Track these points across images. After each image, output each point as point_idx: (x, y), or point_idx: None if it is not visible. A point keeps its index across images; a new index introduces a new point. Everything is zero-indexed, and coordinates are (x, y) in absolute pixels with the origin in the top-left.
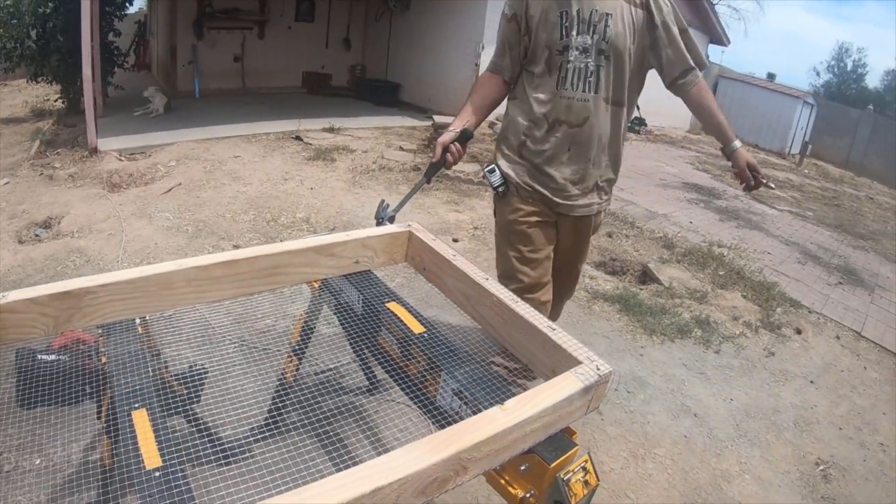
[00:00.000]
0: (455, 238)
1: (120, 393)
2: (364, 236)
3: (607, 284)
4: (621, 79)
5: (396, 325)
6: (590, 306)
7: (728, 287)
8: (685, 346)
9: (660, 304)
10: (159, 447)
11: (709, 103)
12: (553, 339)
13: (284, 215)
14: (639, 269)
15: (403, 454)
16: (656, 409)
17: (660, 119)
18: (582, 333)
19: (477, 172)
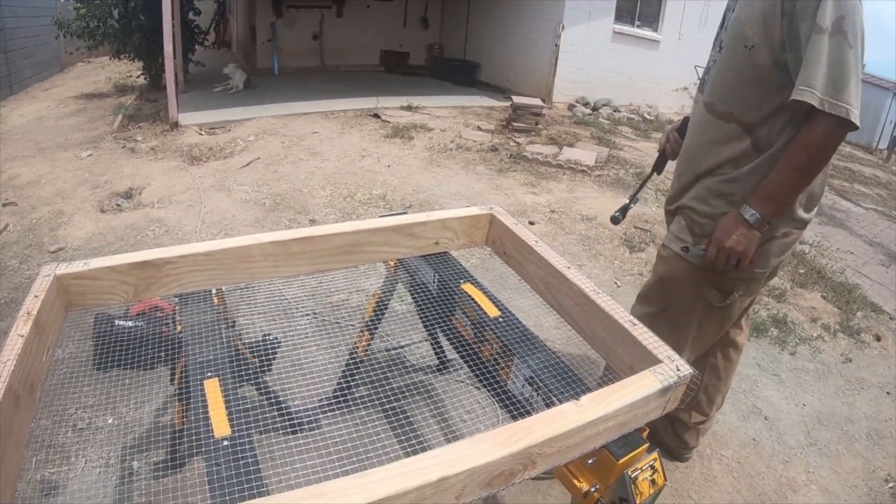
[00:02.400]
0: (531, 221)
1: (194, 362)
2: (445, 217)
3: None
4: (726, 78)
5: (471, 307)
6: None
7: (808, 286)
8: (760, 345)
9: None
10: (229, 417)
11: (784, 159)
12: (633, 334)
13: (361, 192)
14: None
15: (471, 445)
16: (726, 409)
17: None
18: None
19: (555, 154)
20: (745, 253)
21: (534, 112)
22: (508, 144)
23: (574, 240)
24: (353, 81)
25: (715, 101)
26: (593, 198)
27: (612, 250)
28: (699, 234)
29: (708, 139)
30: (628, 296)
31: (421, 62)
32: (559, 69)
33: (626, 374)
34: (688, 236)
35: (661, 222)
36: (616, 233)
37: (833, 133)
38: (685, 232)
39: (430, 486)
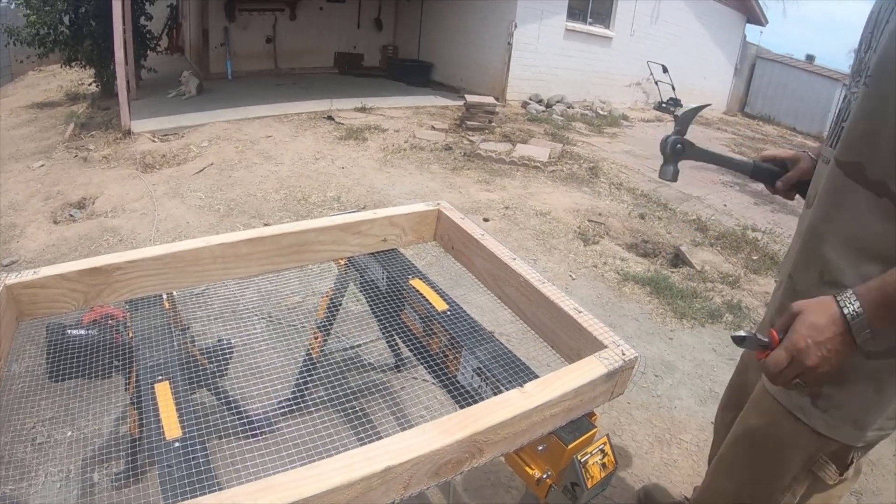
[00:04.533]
0: (486, 218)
1: (144, 366)
2: (392, 214)
3: (638, 266)
4: (878, 129)
5: (420, 303)
6: (620, 288)
7: (761, 272)
8: (716, 330)
9: (691, 288)
10: (180, 418)
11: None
12: (579, 321)
13: (315, 194)
14: (671, 251)
15: (417, 434)
16: (684, 395)
17: (695, 99)
18: (611, 315)
19: (509, 152)
20: (824, 371)
21: (487, 110)
22: (462, 143)
23: (529, 235)
24: (307, 84)
25: (861, 162)
26: (547, 193)
27: (567, 244)
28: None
29: (847, 219)
30: (583, 288)
31: (375, 63)
32: (512, 67)
33: (574, 361)
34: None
35: (615, 215)
36: (570, 226)
37: None
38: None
39: (376, 476)
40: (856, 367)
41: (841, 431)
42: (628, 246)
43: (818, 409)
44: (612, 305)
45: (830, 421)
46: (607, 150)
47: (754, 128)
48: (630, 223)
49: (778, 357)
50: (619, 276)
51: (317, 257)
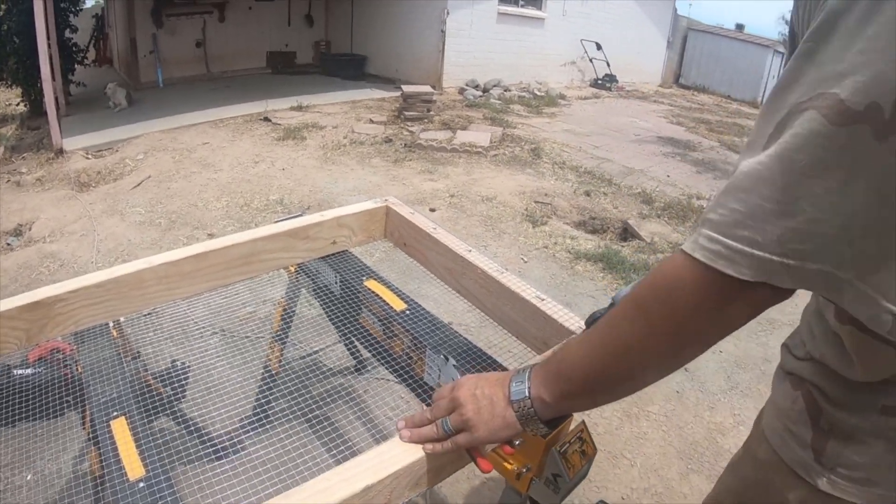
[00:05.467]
0: (432, 208)
1: (97, 403)
2: (340, 215)
3: (588, 243)
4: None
5: (377, 304)
6: (572, 266)
7: None
8: None
9: (643, 260)
10: (142, 456)
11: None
12: (543, 309)
13: (257, 199)
14: (619, 226)
15: (393, 447)
16: None
17: (630, 75)
18: (566, 294)
19: (450, 139)
20: (473, 426)
21: (425, 99)
22: (402, 134)
23: (476, 221)
24: (240, 86)
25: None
26: (491, 178)
27: (515, 227)
28: (826, 430)
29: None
30: (536, 270)
31: (308, 60)
32: (447, 54)
33: (541, 350)
34: (806, 429)
35: (561, 194)
36: (517, 209)
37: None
38: (804, 420)
39: (356, 496)
40: (868, 422)
41: (849, 492)
42: (577, 224)
43: (821, 467)
44: (566, 285)
45: (836, 480)
46: (547, 131)
47: (690, 98)
48: (576, 201)
49: (440, 391)
50: (570, 255)
51: (266, 267)
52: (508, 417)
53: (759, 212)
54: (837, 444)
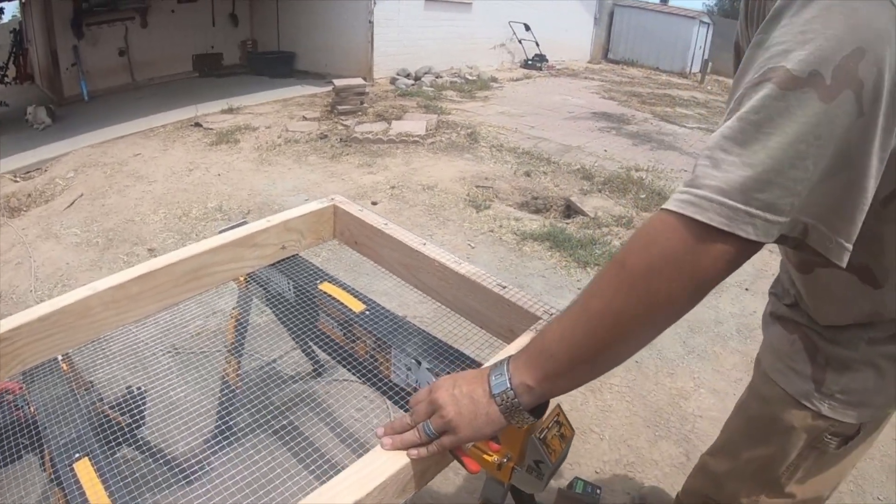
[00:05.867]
0: (374, 201)
1: (57, 445)
2: (287, 219)
3: (533, 224)
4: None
5: (334, 307)
6: (520, 248)
7: (651, 209)
8: None
9: (588, 236)
10: (110, 493)
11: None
12: (506, 297)
13: (195, 208)
14: (562, 203)
15: (375, 458)
16: None
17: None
18: (517, 276)
19: (386, 130)
20: (456, 427)
21: (357, 92)
22: (337, 129)
23: (420, 211)
24: (168, 93)
25: None
26: (430, 166)
27: (459, 213)
28: (823, 364)
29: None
30: (484, 254)
31: (236, 61)
32: (376, 45)
33: (508, 338)
34: (806, 365)
35: (502, 176)
36: (459, 195)
37: None
38: (803, 358)
39: None
40: (858, 353)
41: (846, 414)
42: (519, 205)
43: (822, 395)
44: (516, 267)
45: (835, 405)
46: (482, 114)
47: (619, 72)
48: (517, 182)
49: (417, 394)
50: (517, 237)
51: (215, 280)
52: (492, 413)
53: (724, 164)
54: (834, 374)
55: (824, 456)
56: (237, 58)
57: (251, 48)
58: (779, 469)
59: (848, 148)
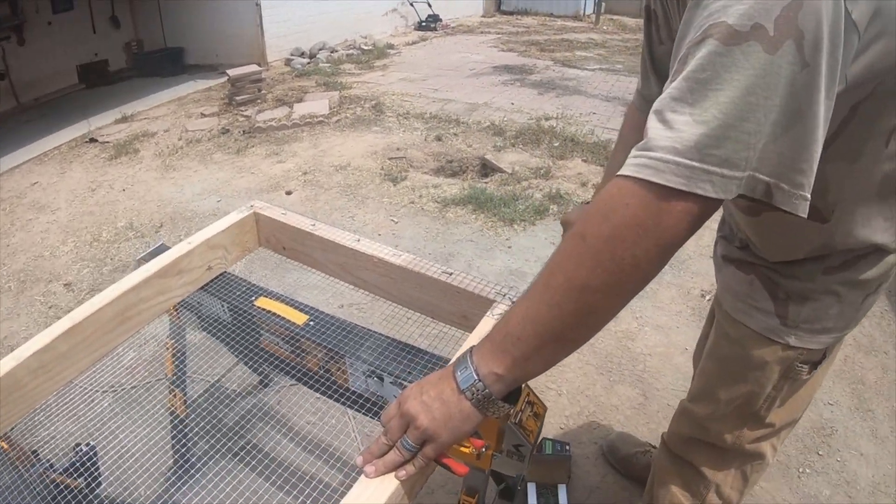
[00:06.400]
0: (288, 191)
1: None
2: (208, 237)
3: (453, 188)
4: None
5: (276, 323)
6: (443, 215)
7: (567, 156)
8: (547, 224)
9: (510, 192)
10: None
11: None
12: (454, 284)
13: (105, 230)
14: (477, 163)
15: (362, 491)
16: None
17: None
18: (445, 245)
19: (288, 115)
20: (434, 434)
21: (254, 79)
22: (238, 121)
23: (336, 193)
24: (57, 111)
25: None
26: (339, 145)
27: (377, 189)
28: (784, 298)
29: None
30: (409, 228)
31: (123, 65)
32: (266, 27)
33: (463, 325)
34: (768, 302)
35: (413, 145)
36: (373, 171)
37: None
38: (764, 296)
39: None
40: (816, 284)
41: (812, 341)
42: (435, 171)
43: (788, 328)
44: (443, 235)
45: (802, 335)
46: (384, 84)
47: (515, 23)
48: (429, 148)
49: (388, 410)
50: (438, 204)
51: (145, 319)
52: (465, 409)
53: (676, 124)
54: (797, 307)
55: (797, 383)
56: (124, 61)
57: (137, 49)
58: (757, 403)
59: (796, 100)
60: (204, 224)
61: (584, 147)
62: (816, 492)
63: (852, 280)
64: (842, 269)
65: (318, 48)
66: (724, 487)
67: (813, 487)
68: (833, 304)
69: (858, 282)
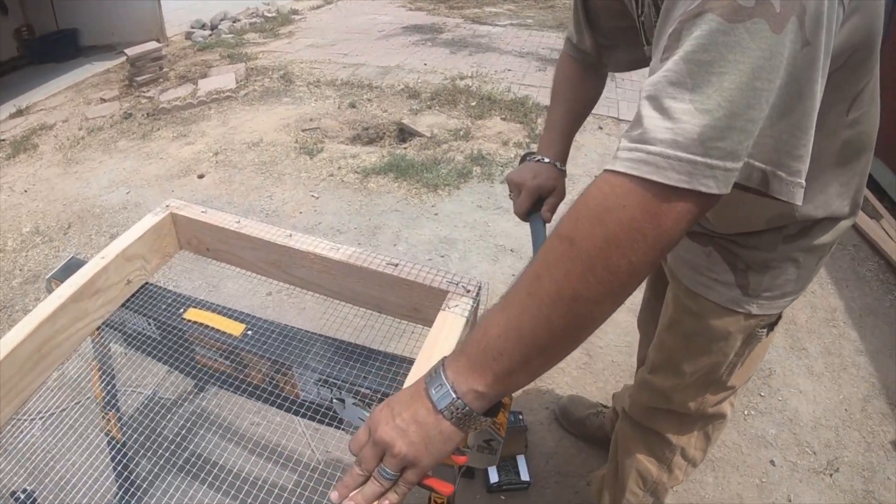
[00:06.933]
0: (200, 174)
1: None
2: (123, 247)
3: (372, 157)
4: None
5: (209, 337)
6: (365, 186)
7: (485, 116)
8: (472, 188)
9: (430, 157)
10: None
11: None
12: (400, 276)
13: (10, 238)
14: (394, 128)
15: None
16: (475, 261)
17: None
18: (370, 217)
19: (194, 92)
20: (414, 459)
21: (154, 57)
22: (141, 103)
23: (252, 173)
24: None
25: None
26: (250, 120)
27: (293, 164)
28: (744, 269)
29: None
30: (331, 203)
31: (13, 53)
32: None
33: (415, 318)
34: (728, 273)
35: (326, 114)
36: (288, 145)
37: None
38: (723, 268)
39: None
40: (776, 253)
41: (773, 307)
42: (352, 140)
43: (749, 297)
44: (367, 208)
45: (763, 303)
46: (291, 52)
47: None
48: (344, 117)
49: (358, 436)
50: (359, 175)
51: (66, 350)
52: (445, 430)
53: (676, 112)
54: (757, 276)
55: (756, 345)
56: (14, 49)
57: (27, 35)
58: (720, 371)
59: (796, 81)
60: (115, 220)
61: (501, 105)
62: (763, 432)
63: (810, 246)
64: (800, 236)
65: (219, 19)
66: (688, 449)
67: (759, 428)
68: (792, 270)
69: (815, 247)
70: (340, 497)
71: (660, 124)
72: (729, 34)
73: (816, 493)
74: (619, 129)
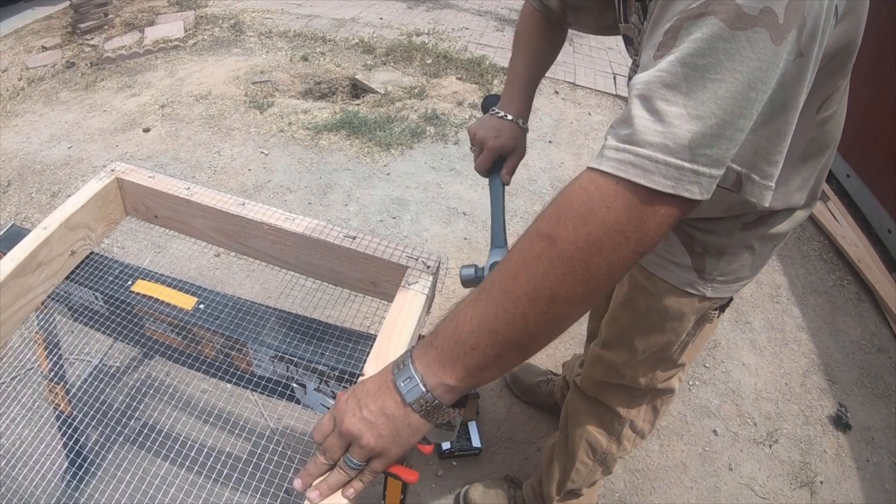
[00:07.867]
0: (146, 128)
1: None
2: (66, 217)
3: (324, 112)
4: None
5: (159, 311)
6: (316, 143)
7: (441, 74)
8: (425, 147)
9: (384, 115)
10: None
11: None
12: (358, 249)
13: None
14: (347, 84)
15: None
16: (427, 223)
17: None
18: (321, 176)
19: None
20: (382, 451)
21: (98, 3)
22: (84, 52)
23: (199, 127)
24: None
25: None
26: (198, 71)
27: (242, 119)
28: (701, 253)
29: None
30: (281, 160)
31: None
32: None
33: (371, 291)
34: (685, 256)
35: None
36: (237, 99)
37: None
38: (681, 251)
39: None
40: (733, 240)
41: (727, 290)
42: (303, 94)
43: (704, 280)
44: (318, 166)
45: (717, 286)
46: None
47: None
48: (296, 70)
49: (323, 425)
50: (310, 131)
51: (9, 329)
52: (413, 422)
53: (667, 116)
54: (713, 260)
55: (708, 325)
56: None
57: None
58: (672, 349)
59: (783, 90)
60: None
61: (457, 64)
62: (706, 402)
63: (766, 234)
64: (757, 224)
65: None
66: (637, 422)
67: (703, 398)
68: (747, 256)
69: (771, 235)
70: (304, 485)
71: (651, 127)
72: (730, 41)
73: (756, 462)
74: (575, 94)
